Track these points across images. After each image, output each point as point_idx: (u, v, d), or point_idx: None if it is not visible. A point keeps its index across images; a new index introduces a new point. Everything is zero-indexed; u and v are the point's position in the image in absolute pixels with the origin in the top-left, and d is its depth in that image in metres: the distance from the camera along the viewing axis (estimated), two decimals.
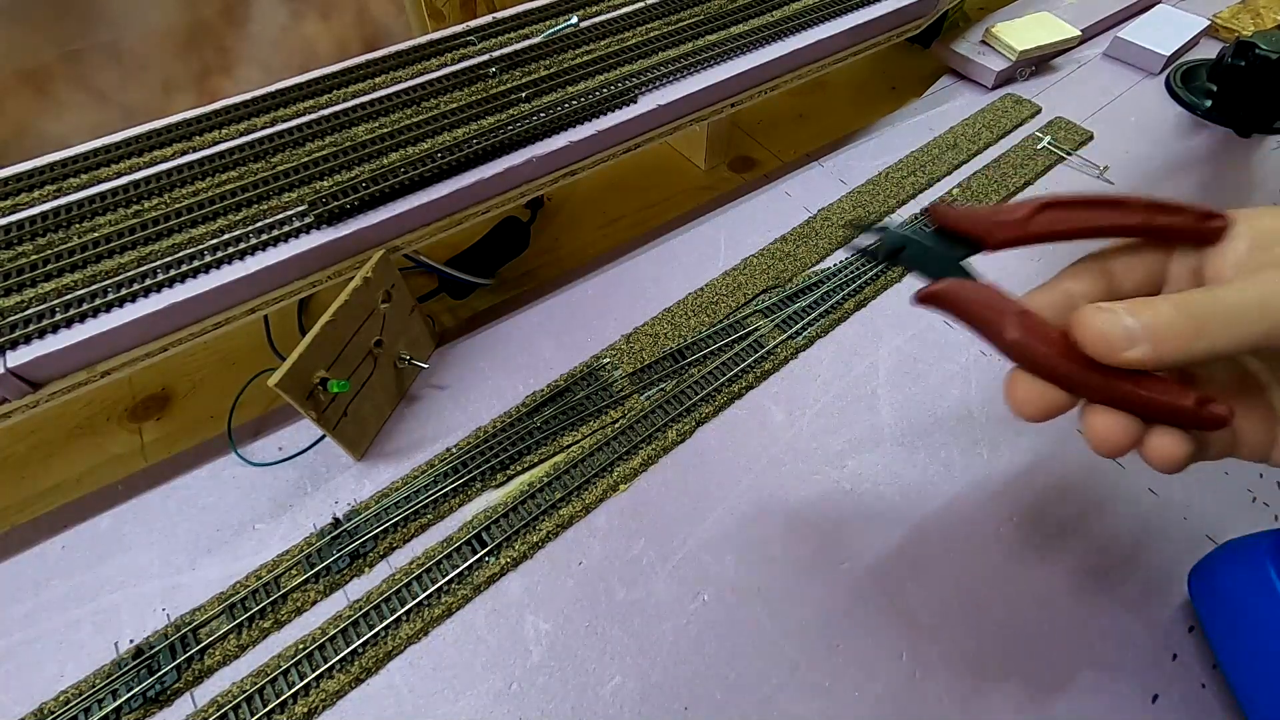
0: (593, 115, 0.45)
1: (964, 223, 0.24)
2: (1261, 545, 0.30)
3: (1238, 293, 0.20)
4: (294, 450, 0.41)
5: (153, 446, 0.44)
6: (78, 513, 0.39)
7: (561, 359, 0.45)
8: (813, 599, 0.35)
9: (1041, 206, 0.23)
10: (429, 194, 0.41)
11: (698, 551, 0.37)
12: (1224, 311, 0.20)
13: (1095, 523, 0.38)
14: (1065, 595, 0.36)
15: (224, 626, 0.34)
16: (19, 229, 0.38)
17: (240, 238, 0.38)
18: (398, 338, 0.42)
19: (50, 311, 0.35)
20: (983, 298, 0.23)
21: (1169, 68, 0.65)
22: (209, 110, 0.45)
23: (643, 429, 0.41)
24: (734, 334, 0.46)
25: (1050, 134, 0.59)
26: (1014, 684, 0.33)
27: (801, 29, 0.53)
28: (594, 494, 0.39)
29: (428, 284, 0.51)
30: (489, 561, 0.36)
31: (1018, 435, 0.41)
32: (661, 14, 0.54)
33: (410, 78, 0.48)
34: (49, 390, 0.35)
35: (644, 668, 0.34)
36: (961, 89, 0.66)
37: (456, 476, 0.39)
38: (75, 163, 0.42)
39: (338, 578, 0.36)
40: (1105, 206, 0.23)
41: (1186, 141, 0.60)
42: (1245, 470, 0.40)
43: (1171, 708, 0.32)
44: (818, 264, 0.50)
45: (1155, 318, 0.20)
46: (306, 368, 0.35)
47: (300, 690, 0.32)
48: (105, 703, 0.32)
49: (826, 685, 0.33)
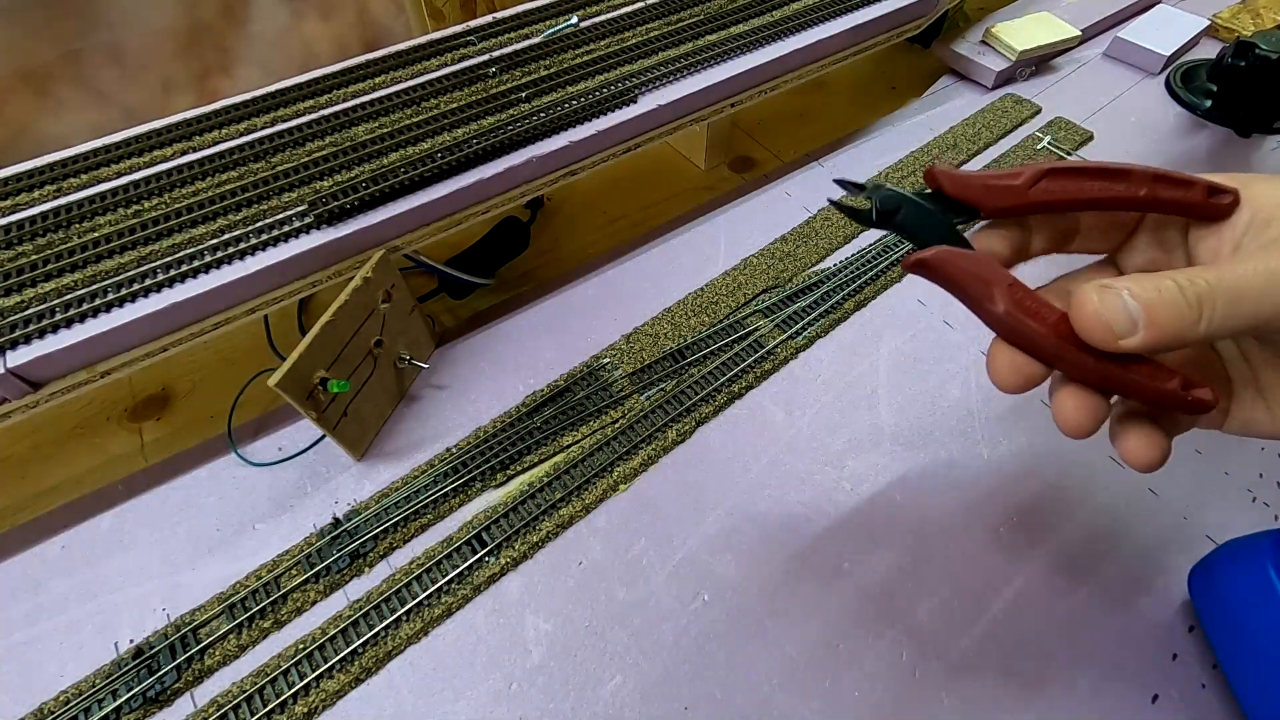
0: (593, 115, 0.45)
1: (961, 188, 0.23)
2: (1261, 545, 0.30)
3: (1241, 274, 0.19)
4: (294, 450, 0.41)
5: (153, 446, 0.44)
6: (78, 513, 0.39)
7: (561, 359, 0.45)
8: (812, 599, 0.35)
9: (1042, 173, 0.22)
10: (429, 194, 0.41)
11: (698, 551, 0.37)
12: (1226, 295, 0.19)
13: (1095, 523, 0.38)
14: (1065, 595, 0.36)
15: (224, 626, 0.34)
16: (19, 229, 0.38)
17: (240, 238, 0.38)
18: (398, 338, 0.42)
19: (50, 311, 0.35)
20: (973, 268, 0.22)
21: (1169, 68, 0.65)
22: (209, 110, 0.45)
23: (643, 429, 0.41)
24: (734, 334, 0.46)
25: (1050, 134, 0.59)
26: (1013, 684, 0.33)
27: (801, 29, 0.53)
28: (594, 494, 0.39)
29: (428, 284, 0.51)
30: (489, 561, 0.36)
31: (1017, 435, 0.41)
32: (661, 14, 0.54)
33: (410, 78, 0.48)
34: (49, 390, 0.35)
35: (644, 668, 0.34)
36: (961, 89, 0.66)
37: (456, 476, 0.39)
38: (75, 163, 0.42)
39: (338, 578, 0.36)
40: (1109, 177, 0.22)
41: (1186, 141, 0.60)
42: (1245, 470, 0.40)
43: (1171, 708, 0.32)
44: (818, 264, 0.50)
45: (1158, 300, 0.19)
46: (306, 368, 0.35)
47: (300, 690, 0.32)
48: (105, 703, 0.32)
49: (826, 685, 0.33)
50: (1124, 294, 0.19)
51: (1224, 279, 0.19)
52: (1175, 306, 0.19)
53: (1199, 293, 0.19)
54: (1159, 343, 0.19)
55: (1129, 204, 0.22)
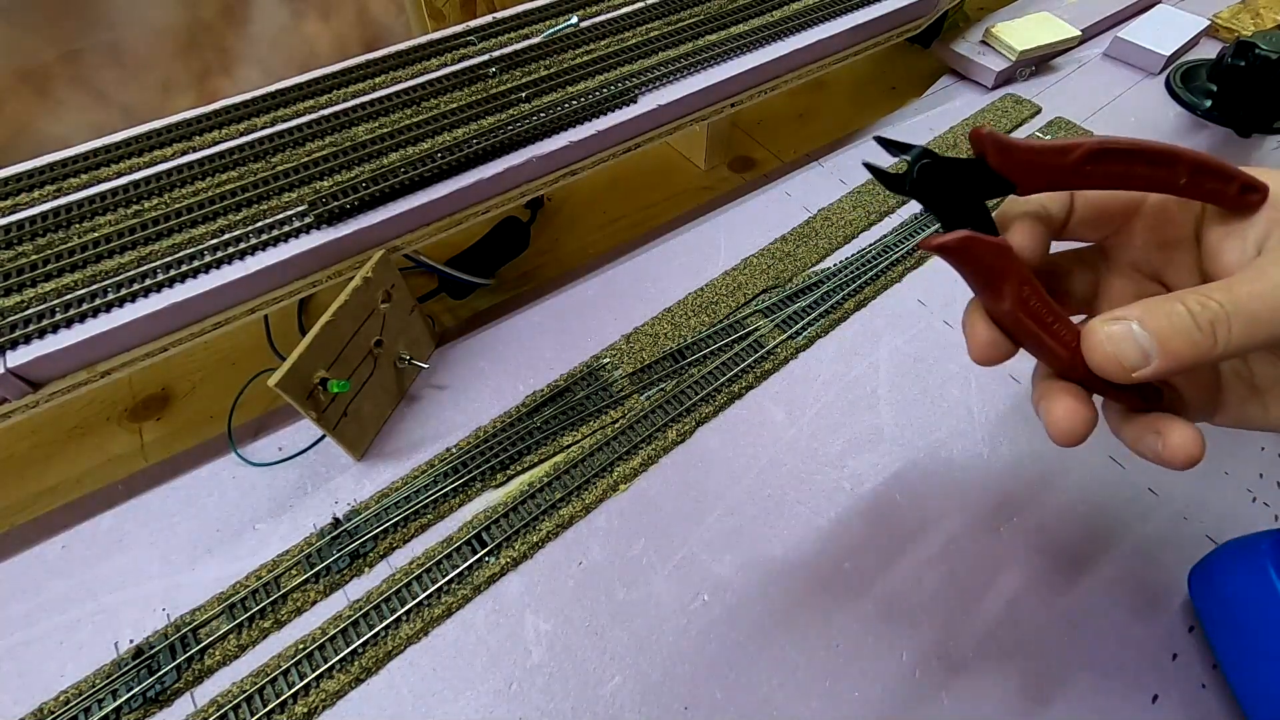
0: (593, 115, 0.45)
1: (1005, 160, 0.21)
2: (1261, 545, 0.30)
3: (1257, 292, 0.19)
4: (294, 450, 0.41)
5: (153, 446, 0.44)
6: (78, 513, 0.39)
7: (561, 359, 0.45)
8: (813, 599, 0.35)
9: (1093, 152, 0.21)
10: (429, 194, 0.41)
11: (698, 551, 0.37)
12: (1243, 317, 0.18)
13: (1095, 523, 0.38)
14: (1065, 595, 0.36)
15: (224, 626, 0.34)
16: (19, 229, 0.38)
17: (240, 238, 0.38)
18: (398, 338, 0.42)
19: (50, 311, 0.35)
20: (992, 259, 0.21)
21: (1169, 68, 0.65)
22: (209, 110, 0.45)
23: (643, 429, 0.41)
24: (734, 334, 0.46)
25: (1050, 134, 0.59)
26: (1013, 684, 0.33)
27: (801, 29, 0.53)
28: (594, 494, 0.39)
29: (428, 284, 0.52)
30: (489, 561, 0.36)
31: (1017, 435, 0.41)
32: (661, 14, 0.54)
33: (410, 78, 0.48)
34: (49, 390, 0.35)
35: (644, 668, 0.34)
36: (961, 89, 0.66)
37: (456, 476, 0.39)
38: (75, 163, 0.42)
39: (338, 578, 0.36)
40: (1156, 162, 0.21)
41: (1186, 141, 0.60)
42: (1245, 470, 0.40)
43: (1171, 708, 0.32)
44: (818, 264, 0.50)
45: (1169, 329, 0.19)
46: (306, 368, 0.35)
47: (300, 690, 0.32)
48: (105, 703, 0.32)
49: (826, 685, 0.33)
50: (1134, 325, 0.19)
51: (1239, 300, 0.18)
52: (1188, 334, 0.18)
53: (1212, 317, 0.18)
54: (1173, 371, 0.19)
55: (1170, 189, 0.22)
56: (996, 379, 0.44)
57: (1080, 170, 0.21)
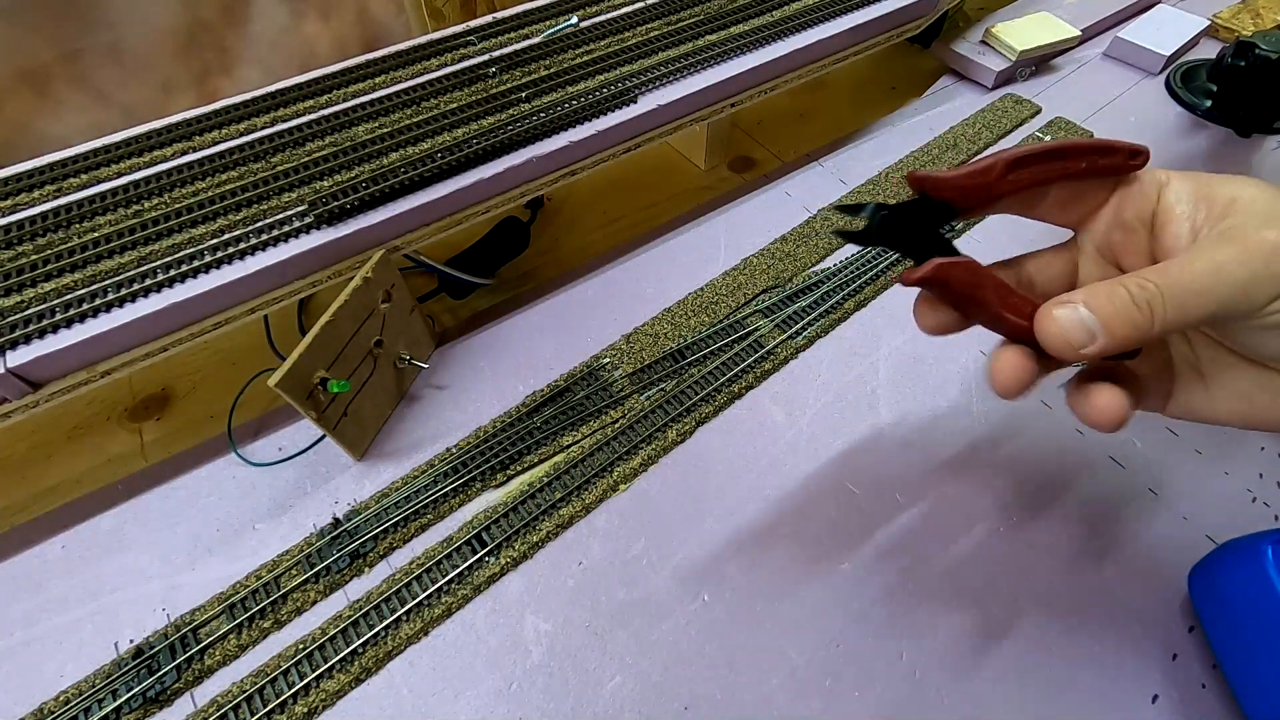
0: (593, 115, 0.45)
1: (938, 189, 0.24)
2: (1261, 545, 0.30)
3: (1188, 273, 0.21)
4: (294, 450, 0.41)
5: (153, 446, 0.44)
6: (78, 513, 0.39)
7: (561, 359, 0.45)
8: (812, 599, 0.35)
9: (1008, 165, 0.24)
10: (429, 194, 0.41)
11: (698, 551, 0.37)
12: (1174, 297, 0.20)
13: (1095, 522, 0.38)
14: (1064, 595, 0.36)
15: (224, 626, 0.34)
16: (19, 229, 0.38)
17: (240, 238, 0.38)
18: (398, 338, 0.42)
19: (50, 311, 0.35)
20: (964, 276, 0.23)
21: (1169, 68, 0.65)
22: (209, 110, 0.45)
23: (643, 429, 0.41)
24: (734, 334, 0.46)
25: (1050, 134, 0.59)
26: (1013, 684, 0.33)
27: (801, 29, 0.53)
28: (594, 494, 0.39)
29: (428, 284, 0.52)
30: (489, 561, 0.36)
31: (1017, 436, 0.41)
32: (661, 14, 0.54)
33: (410, 78, 0.48)
34: (49, 390, 0.35)
35: (644, 668, 0.34)
36: (961, 89, 0.66)
37: (456, 476, 0.39)
38: (75, 163, 0.42)
39: (338, 578, 0.36)
40: (1056, 156, 0.24)
41: (1186, 141, 0.60)
42: (1245, 470, 0.40)
43: (1171, 708, 0.32)
44: (818, 264, 0.50)
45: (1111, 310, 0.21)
46: (306, 368, 0.35)
47: (300, 690, 0.32)
48: (105, 703, 0.32)
49: (826, 685, 0.33)
50: (1080, 308, 0.21)
51: (1170, 281, 0.20)
52: (1128, 313, 0.20)
53: (1149, 297, 0.20)
54: (1116, 348, 0.21)
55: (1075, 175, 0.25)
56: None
57: (1003, 181, 0.24)
